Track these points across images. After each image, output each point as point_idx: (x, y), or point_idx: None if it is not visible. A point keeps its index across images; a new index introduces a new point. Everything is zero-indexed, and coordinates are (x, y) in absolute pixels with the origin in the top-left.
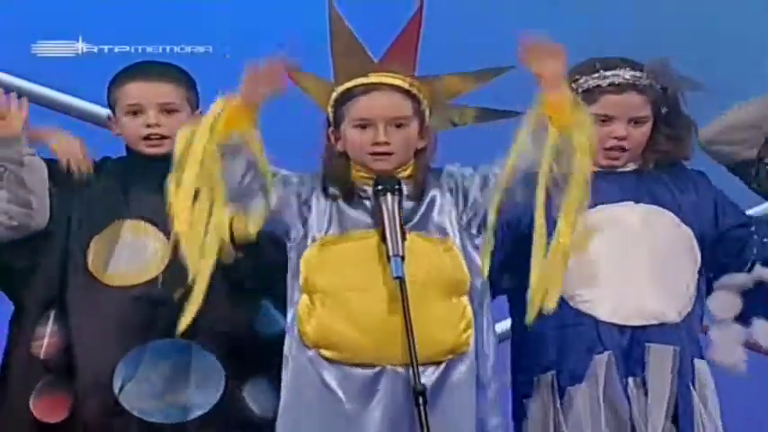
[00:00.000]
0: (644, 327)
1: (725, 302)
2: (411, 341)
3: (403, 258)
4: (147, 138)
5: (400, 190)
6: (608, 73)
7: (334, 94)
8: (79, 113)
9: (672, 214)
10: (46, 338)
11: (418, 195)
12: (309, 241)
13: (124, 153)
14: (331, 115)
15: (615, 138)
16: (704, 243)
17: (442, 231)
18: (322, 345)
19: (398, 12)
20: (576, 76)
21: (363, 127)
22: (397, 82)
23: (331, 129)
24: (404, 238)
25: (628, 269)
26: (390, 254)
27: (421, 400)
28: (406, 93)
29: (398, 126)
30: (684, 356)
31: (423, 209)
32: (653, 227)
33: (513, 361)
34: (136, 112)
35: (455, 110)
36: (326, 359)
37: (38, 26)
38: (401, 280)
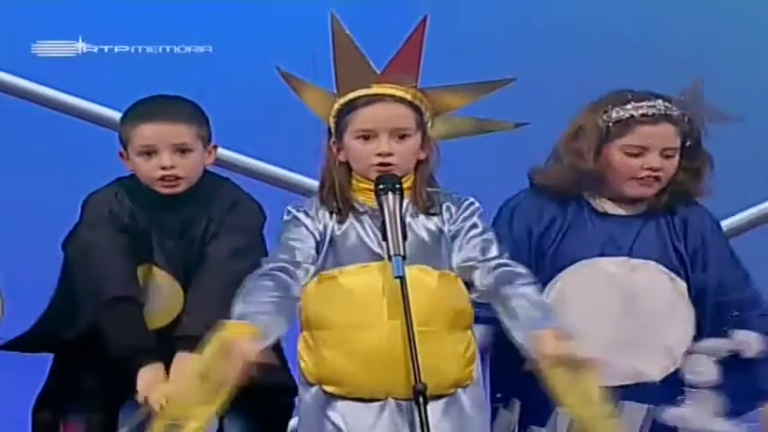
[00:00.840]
0: (623, 386)
1: (699, 366)
2: (411, 338)
3: (404, 257)
4: (161, 179)
5: (401, 189)
6: (642, 104)
7: (337, 105)
8: (79, 113)
9: (666, 270)
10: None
11: (421, 209)
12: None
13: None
14: (333, 126)
15: (650, 169)
16: (704, 294)
17: (448, 262)
18: (324, 381)
19: (402, 23)
20: (607, 107)
21: (366, 138)
22: (400, 93)
23: (332, 140)
24: (405, 237)
25: (611, 329)
26: (391, 253)
27: (421, 399)
28: (409, 104)
29: (401, 137)
30: (659, 415)
31: (435, 237)
32: (643, 284)
33: (491, 374)
34: (149, 152)
35: (456, 121)
36: (329, 394)
37: (38, 26)
38: (402, 279)
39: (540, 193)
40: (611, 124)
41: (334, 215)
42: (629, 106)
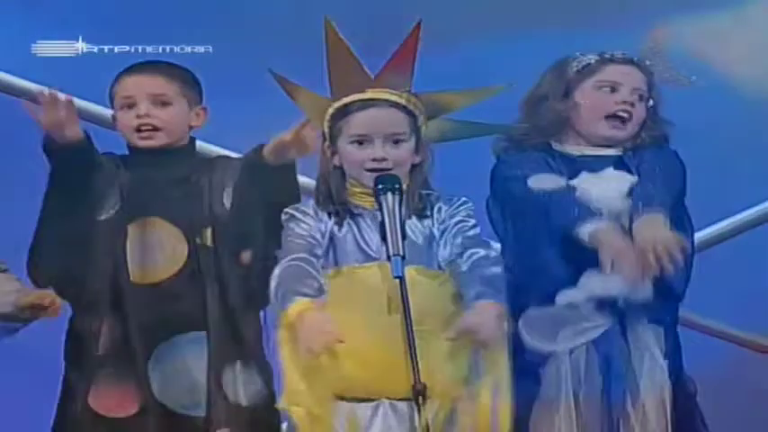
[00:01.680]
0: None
1: None
2: (411, 339)
3: (403, 257)
4: (138, 129)
5: (401, 189)
6: (610, 52)
7: (331, 110)
8: (79, 113)
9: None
10: (102, 335)
11: (414, 211)
12: None
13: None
14: (327, 130)
15: (623, 102)
16: None
17: (439, 264)
18: None
19: (395, 27)
20: (576, 57)
21: (360, 143)
22: (394, 98)
23: (326, 144)
24: (404, 237)
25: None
26: (390, 253)
27: (420, 399)
28: (403, 109)
29: (395, 142)
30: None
31: (428, 239)
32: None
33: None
34: (130, 105)
35: (449, 123)
36: None
37: (38, 26)
38: (401, 279)
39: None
40: (580, 68)
41: (332, 217)
42: (596, 53)
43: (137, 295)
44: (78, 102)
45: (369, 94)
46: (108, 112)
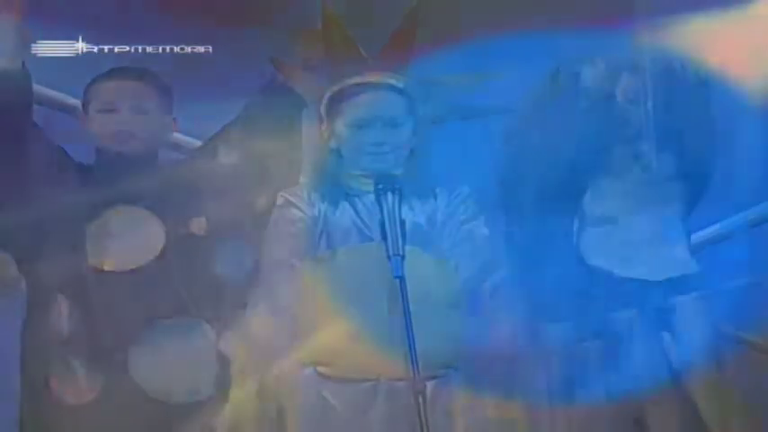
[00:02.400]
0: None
1: None
2: (410, 339)
3: (403, 257)
4: (116, 134)
5: (400, 189)
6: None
7: (328, 92)
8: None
9: None
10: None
11: (413, 193)
12: None
13: None
14: (324, 112)
15: None
16: None
17: (437, 243)
18: (318, 361)
19: (393, 12)
20: (562, 65)
21: (359, 126)
22: (392, 81)
23: (323, 126)
24: (404, 237)
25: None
26: (390, 253)
27: (420, 399)
28: (401, 92)
29: (394, 126)
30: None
31: (429, 220)
32: None
33: None
34: (109, 110)
35: (447, 105)
36: (323, 375)
37: (38, 26)
38: (401, 279)
39: None
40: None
41: (327, 199)
42: (581, 60)
43: (106, 281)
44: (78, 102)
45: (366, 78)
46: None
